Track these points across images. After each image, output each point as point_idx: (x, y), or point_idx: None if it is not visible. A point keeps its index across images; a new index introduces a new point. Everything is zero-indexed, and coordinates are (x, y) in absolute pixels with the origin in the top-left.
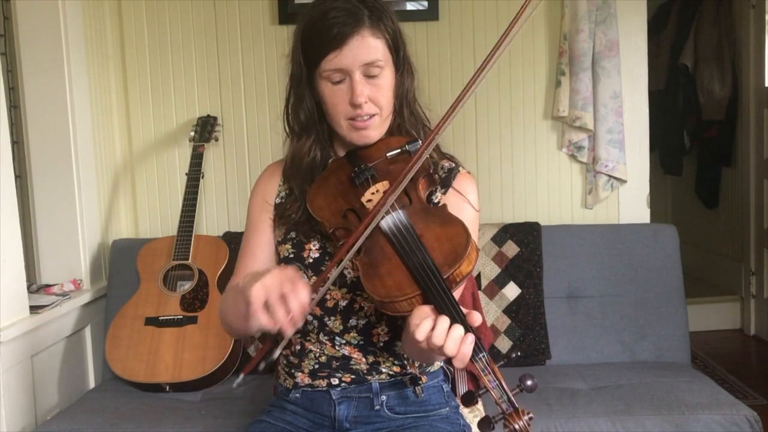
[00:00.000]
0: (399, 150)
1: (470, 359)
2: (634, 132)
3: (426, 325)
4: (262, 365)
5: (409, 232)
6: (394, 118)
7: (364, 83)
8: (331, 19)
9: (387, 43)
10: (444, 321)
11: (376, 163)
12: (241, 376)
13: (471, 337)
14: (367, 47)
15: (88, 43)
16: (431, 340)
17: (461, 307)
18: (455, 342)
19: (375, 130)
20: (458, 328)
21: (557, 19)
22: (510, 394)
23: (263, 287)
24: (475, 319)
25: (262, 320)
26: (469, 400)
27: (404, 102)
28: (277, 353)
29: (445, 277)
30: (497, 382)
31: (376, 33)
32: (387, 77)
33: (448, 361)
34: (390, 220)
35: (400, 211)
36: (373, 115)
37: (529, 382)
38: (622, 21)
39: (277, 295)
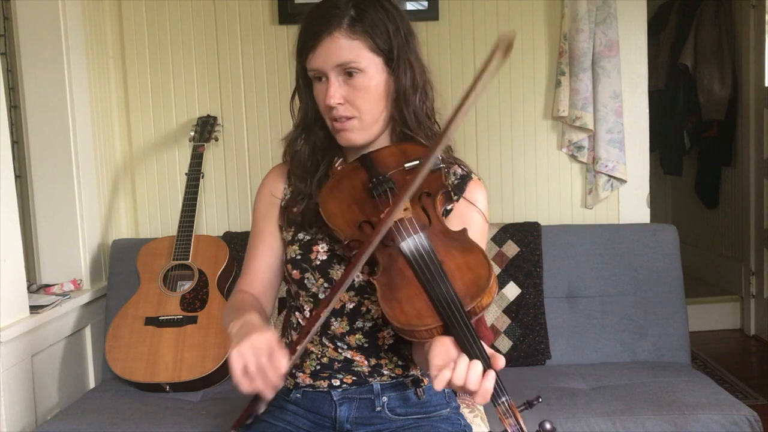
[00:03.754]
0: (417, 162)
1: (492, 402)
2: (634, 132)
3: (445, 375)
4: (250, 420)
5: (431, 258)
6: (393, 122)
7: (339, 84)
8: (316, 20)
9: (369, 44)
10: (463, 363)
11: (394, 174)
12: None
13: (492, 374)
14: (339, 48)
15: (88, 43)
16: (452, 382)
17: (484, 345)
18: (476, 380)
19: (355, 132)
20: (477, 366)
21: (557, 19)
22: None
23: (240, 356)
24: (500, 363)
25: (242, 386)
26: None
27: (404, 104)
28: (262, 409)
29: (467, 309)
30: (518, 426)
31: (351, 35)
32: (369, 79)
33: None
34: (411, 243)
35: (421, 234)
36: (351, 117)
37: (548, 426)
38: (622, 21)
39: (255, 366)
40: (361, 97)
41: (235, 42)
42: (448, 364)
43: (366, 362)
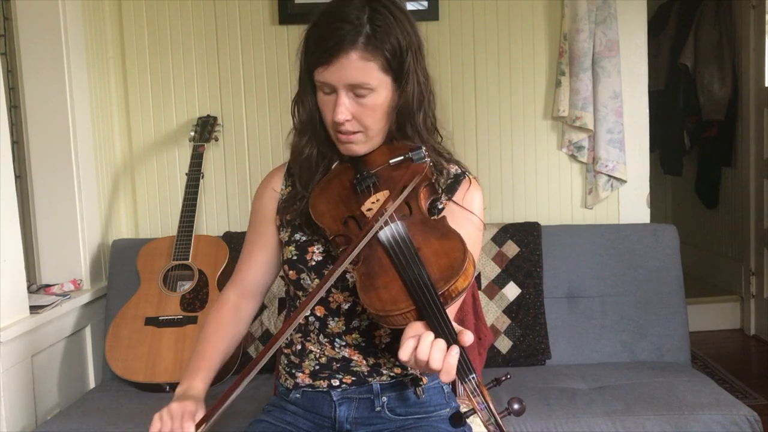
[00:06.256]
0: (402, 158)
1: (461, 380)
2: (634, 132)
3: (409, 344)
4: None
5: (406, 244)
6: (392, 133)
7: (348, 102)
8: (328, 30)
9: (382, 64)
10: (427, 338)
11: (379, 170)
12: None
13: (456, 349)
14: (353, 69)
15: (88, 43)
16: (417, 356)
17: (454, 325)
18: (440, 354)
19: (359, 145)
20: (440, 343)
21: (557, 19)
22: (497, 417)
23: (160, 419)
24: (466, 339)
25: None
26: (457, 420)
27: (406, 118)
28: None
29: (440, 293)
30: (485, 404)
31: (367, 55)
32: (377, 97)
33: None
34: (389, 231)
35: (399, 223)
36: (357, 132)
37: (516, 406)
38: (622, 21)
39: (168, 429)
40: (368, 114)
41: (235, 42)
42: (414, 337)
43: (364, 362)
